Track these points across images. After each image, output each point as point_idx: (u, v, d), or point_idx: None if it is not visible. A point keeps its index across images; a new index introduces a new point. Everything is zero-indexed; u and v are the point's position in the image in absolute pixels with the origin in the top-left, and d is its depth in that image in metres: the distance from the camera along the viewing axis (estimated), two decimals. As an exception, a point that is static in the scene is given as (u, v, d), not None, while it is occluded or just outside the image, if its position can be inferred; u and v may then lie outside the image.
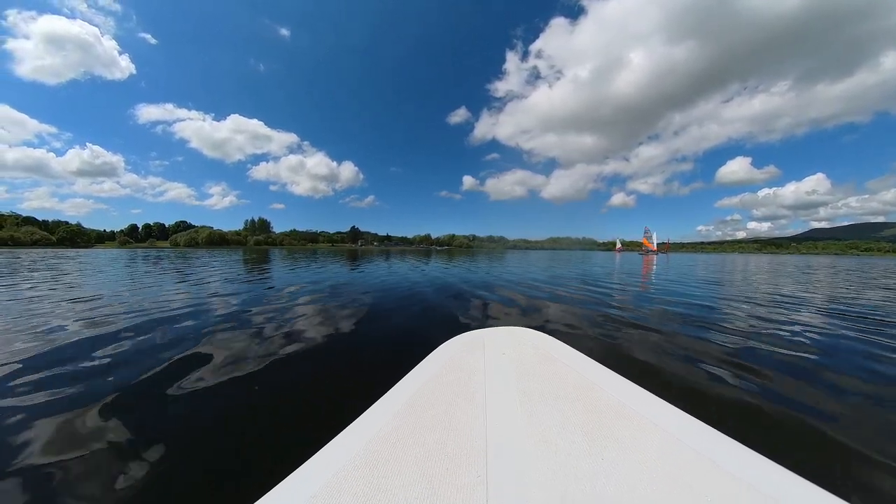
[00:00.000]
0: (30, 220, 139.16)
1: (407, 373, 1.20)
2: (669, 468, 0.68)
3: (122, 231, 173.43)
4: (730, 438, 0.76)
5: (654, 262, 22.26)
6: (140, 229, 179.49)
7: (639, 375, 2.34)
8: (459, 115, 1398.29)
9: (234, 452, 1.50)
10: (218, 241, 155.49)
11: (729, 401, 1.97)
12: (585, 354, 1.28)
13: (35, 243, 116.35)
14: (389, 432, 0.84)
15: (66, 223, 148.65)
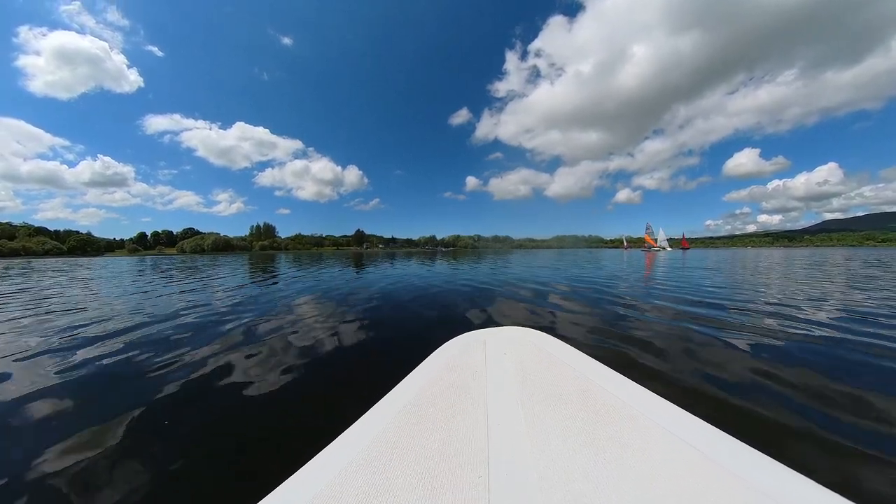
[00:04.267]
0: (41, 231, 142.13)
1: (408, 373, 1.20)
2: (671, 468, 0.68)
3: (130, 239, 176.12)
4: (732, 437, 0.76)
5: (661, 260, 20.33)
6: (149, 237, 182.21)
7: (641, 375, 2.26)
8: (461, 117, 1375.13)
9: (236, 453, 1.51)
10: (223, 246, 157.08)
11: (730, 400, 1.93)
12: (587, 354, 1.28)
13: (46, 253, 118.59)
14: (391, 432, 0.84)
15: (77, 233, 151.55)
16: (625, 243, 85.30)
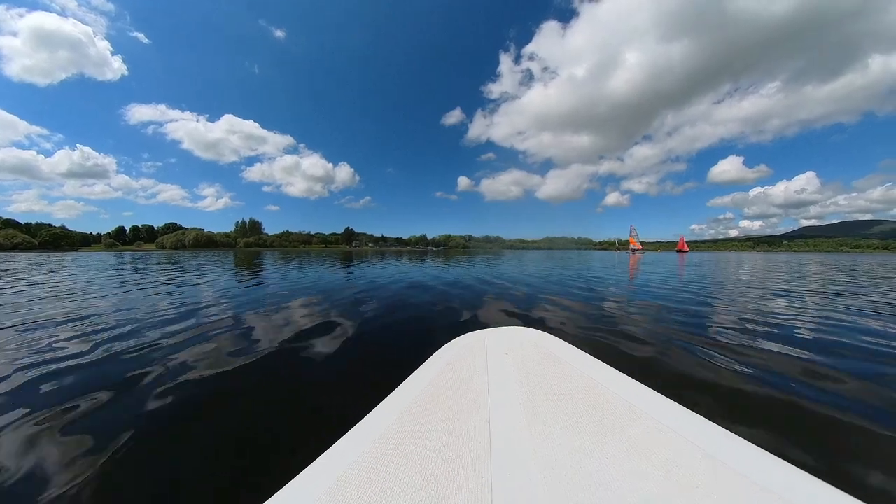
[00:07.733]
0: (10, 223, 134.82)
1: (409, 374, 1.19)
2: (675, 467, 0.67)
3: (107, 234, 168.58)
4: (736, 436, 0.75)
5: (641, 263, 19.11)
6: (128, 231, 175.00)
7: (643, 374, 2.24)
8: (454, 117, 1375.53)
9: (237, 456, 1.51)
10: (205, 243, 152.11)
11: (733, 399, 1.93)
12: (589, 354, 1.26)
13: (15, 247, 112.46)
14: (393, 434, 0.83)
15: (50, 226, 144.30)
16: (616, 245, 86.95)
